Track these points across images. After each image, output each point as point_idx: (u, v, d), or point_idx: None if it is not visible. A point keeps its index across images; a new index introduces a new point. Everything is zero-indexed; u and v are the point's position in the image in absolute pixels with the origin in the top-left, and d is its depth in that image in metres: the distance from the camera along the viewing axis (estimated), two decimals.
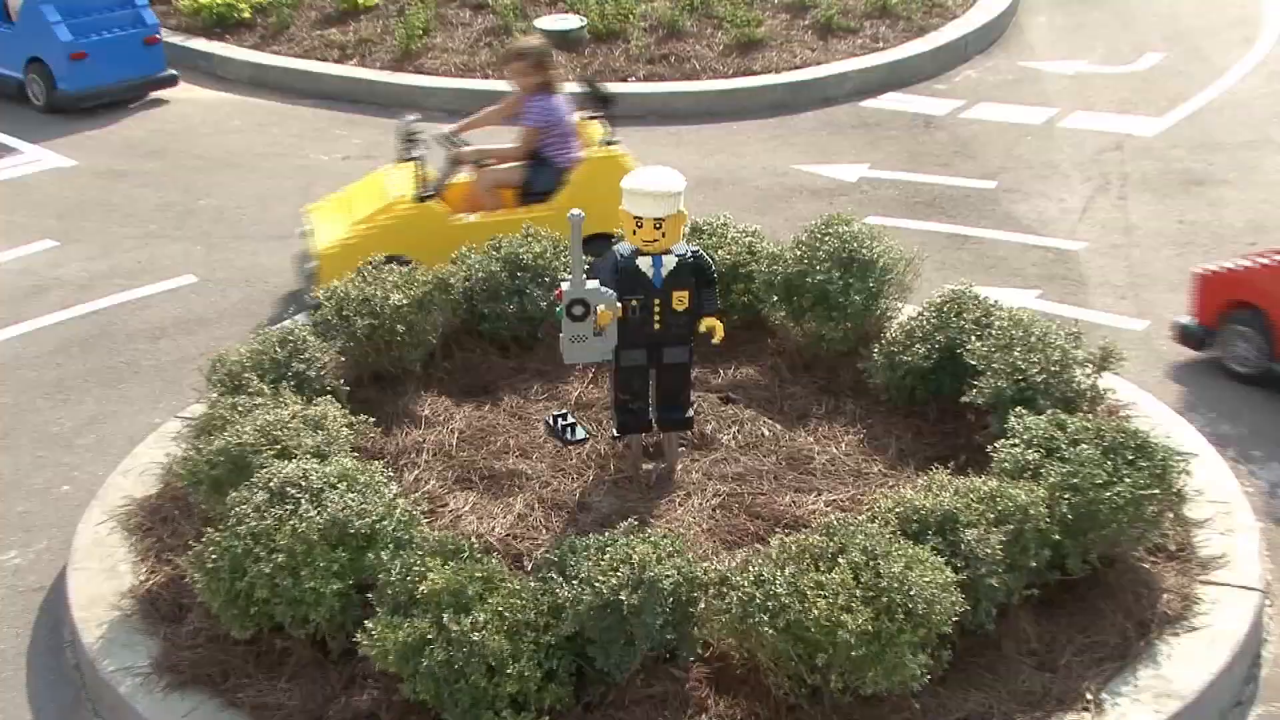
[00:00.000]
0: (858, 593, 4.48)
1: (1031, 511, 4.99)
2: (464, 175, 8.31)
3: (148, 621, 5.34)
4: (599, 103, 8.59)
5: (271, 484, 5.07)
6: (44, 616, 5.73)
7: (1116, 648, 5.05)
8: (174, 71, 11.76)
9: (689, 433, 5.98)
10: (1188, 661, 4.99)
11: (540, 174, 8.28)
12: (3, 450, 6.84)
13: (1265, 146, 9.70)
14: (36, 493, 6.54)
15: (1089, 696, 4.84)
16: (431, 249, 7.52)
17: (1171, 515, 5.50)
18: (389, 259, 7.08)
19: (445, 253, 7.40)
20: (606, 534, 4.90)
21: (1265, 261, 7.18)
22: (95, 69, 11.10)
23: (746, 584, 4.60)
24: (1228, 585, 5.36)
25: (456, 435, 6.13)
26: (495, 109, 8.71)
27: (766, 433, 6.13)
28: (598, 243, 6.90)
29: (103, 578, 5.60)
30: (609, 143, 8.46)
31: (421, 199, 7.98)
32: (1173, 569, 5.43)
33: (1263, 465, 6.44)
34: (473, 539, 5.16)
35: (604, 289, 5.40)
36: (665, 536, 4.89)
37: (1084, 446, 5.26)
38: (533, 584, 4.77)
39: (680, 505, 5.66)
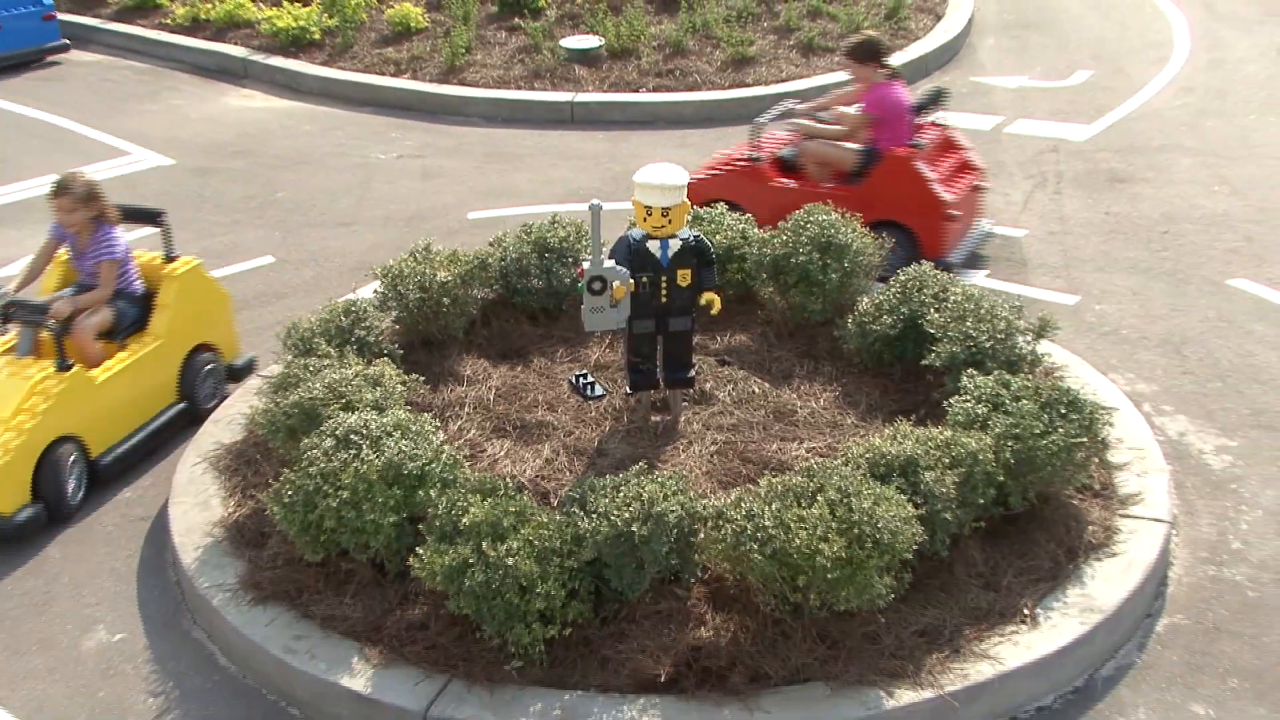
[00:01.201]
0: (833, 525, 4.50)
1: (980, 457, 5.01)
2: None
3: (235, 546, 5.39)
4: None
5: (337, 432, 5.10)
6: (150, 541, 5.77)
7: (1049, 570, 5.08)
8: (66, 40, 12.98)
9: (691, 390, 5.97)
10: (1108, 582, 5.04)
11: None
12: None
13: (1176, 150, 9.69)
14: None
15: (1026, 611, 4.88)
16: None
17: (1096, 460, 5.58)
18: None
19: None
20: (620, 475, 4.92)
21: (730, 167, 8.11)
22: (5, 38, 12.36)
23: (739, 517, 4.62)
24: (1142, 518, 5.39)
25: (493, 392, 6.14)
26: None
27: (756, 390, 6.12)
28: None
29: (197, 510, 5.63)
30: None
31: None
32: (1097, 505, 5.46)
33: (1171, 418, 6.43)
34: (507, 479, 5.20)
35: (619, 267, 5.40)
36: (670, 477, 4.90)
37: (1024, 402, 5.28)
38: (558, 517, 4.78)
39: (683, 451, 5.66)
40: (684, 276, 5.58)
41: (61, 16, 13.28)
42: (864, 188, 7.83)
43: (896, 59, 11.32)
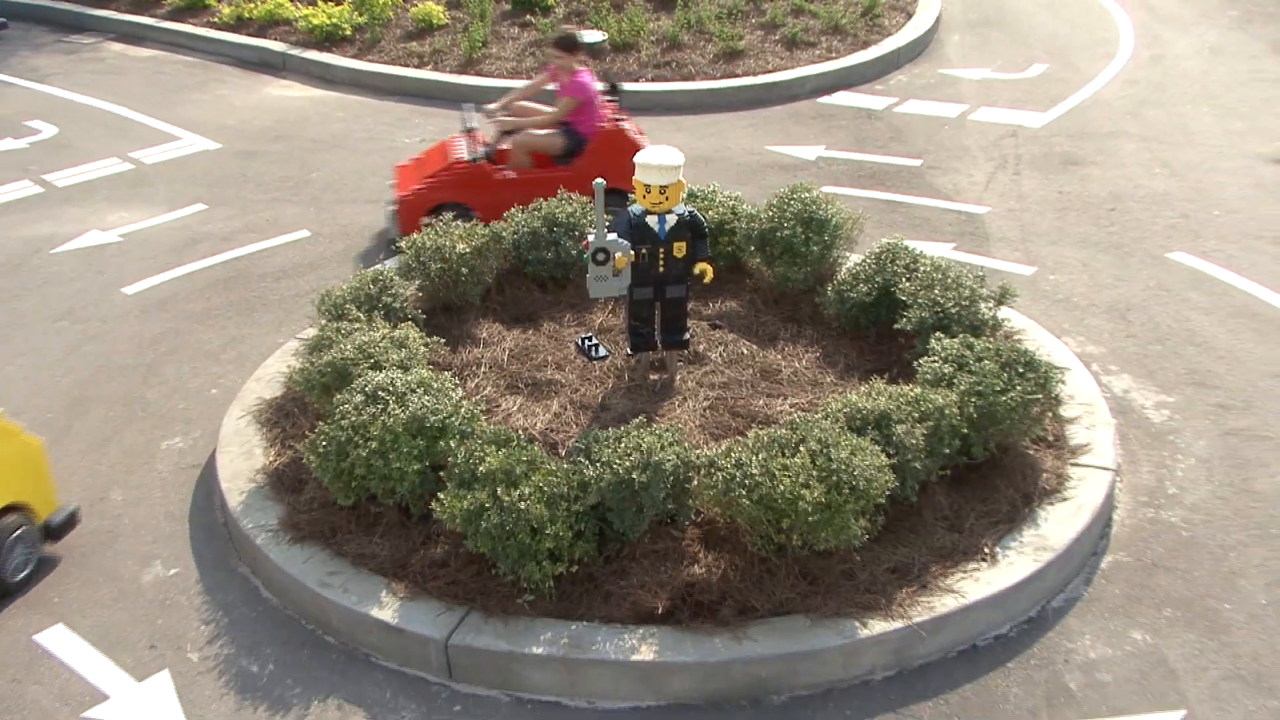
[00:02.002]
0: (814, 473, 4.45)
1: (946, 411, 4.97)
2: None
3: (275, 491, 5.35)
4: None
5: (367, 389, 5.05)
6: (200, 487, 5.73)
7: (1008, 514, 5.06)
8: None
9: (686, 351, 5.91)
10: (1059, 523, 5.01)
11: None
12: (168, 363, 6.80)
13: (1121, 136, 9.61)
14: (192, 394, 6.50)
15: (986, 550, 4.86)
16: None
17: (1050, 414, 5.53)
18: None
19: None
20: (622, 428, 4.87)
21: (452, 171, 7.77)
22: None
23: (729, 466, 4.58)
24: (1089, 467, 5.35)
25: (507, 353, 6.07)
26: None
27: (745, 351, 6.05)
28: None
29: (242, 458, 5.59)
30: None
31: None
32: (1050, 454, 5.42)
33: (1117, 376, 6.38)
34: (520, 431, 5.16)
35: (620, 240, 5.37)
36: (667, 430, 4.86)
37: (986, 362, 5.23)
38: (565, 465, 4.74)
39: (679, 406, 5.60)
40: (680, 248, 5.52)
41: (121, 16, 13.16)
42: (579, 165, 7.86)
43: (873, 53, 11.31)
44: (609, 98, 8.27)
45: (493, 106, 8.14)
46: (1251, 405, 6.11)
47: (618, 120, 8.12)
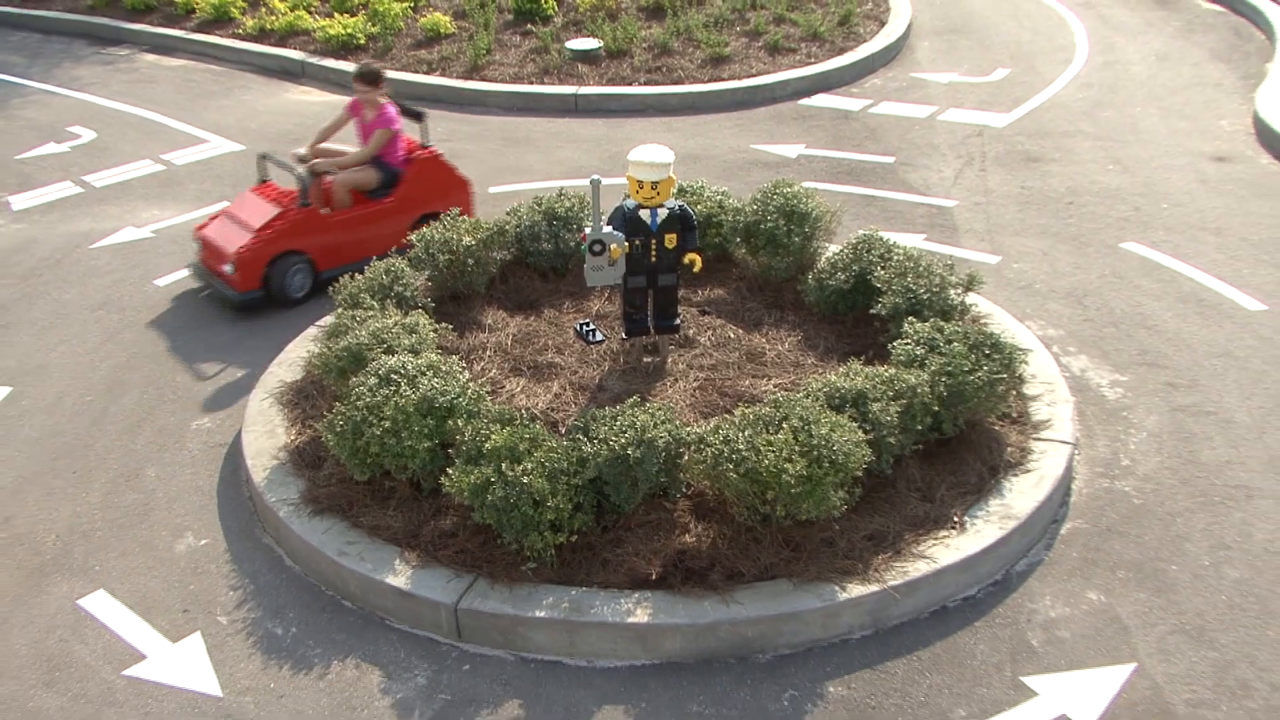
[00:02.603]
0: (796, 448, 4.40)
1: (919, 390, 4.92)
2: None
3: (296, 467, 5.29)
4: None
5: (380, 372, 4.99)
6: (227, 463, 5.67)
7: (975, 485, 5.01)
8: None
9: (677, 335, 5.84)
10: (1023, 493, 4.96)
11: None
12: (196, 350, 6.73)
13: (1078, 135, 9.54)
14: (219, 378, 6.44)
15: (956, 519, 4.81)
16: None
17: (1014, 393, 5.49)
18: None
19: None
20: (618, 407, 4.81)
21: (286, 220, 6.98)
22: None
23: (717, 442, 4.52)
24: (1050, 441, 5.30)
25: (510, 338, 5.99)
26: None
27: (732, 335, 5.98)
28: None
29: (266, 437, 5.52)
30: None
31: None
32: (1014, 430, 5.37)
33: (1075, 357, 6.33)
34: (523, 411, 5.10)
35: (616, 232, 5.32)
36: (660, 409, 4.79)
37: (955, 344, 5.18)
38: (565, 442, 4.68)
39: (670, 387, 5.54)
40: (670, 240, 5.46)
41: (154, 29, 13.03)
42: (400, 195, 7.39)
43: (849, 58, 11.21)
44: (416, 124, 7.73)
45: (302, 152, 7.39)
46: (1197, 383, 6.07)
47: (429, 148, 7.61)
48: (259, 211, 7.12)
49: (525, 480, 4.40)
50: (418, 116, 7.67)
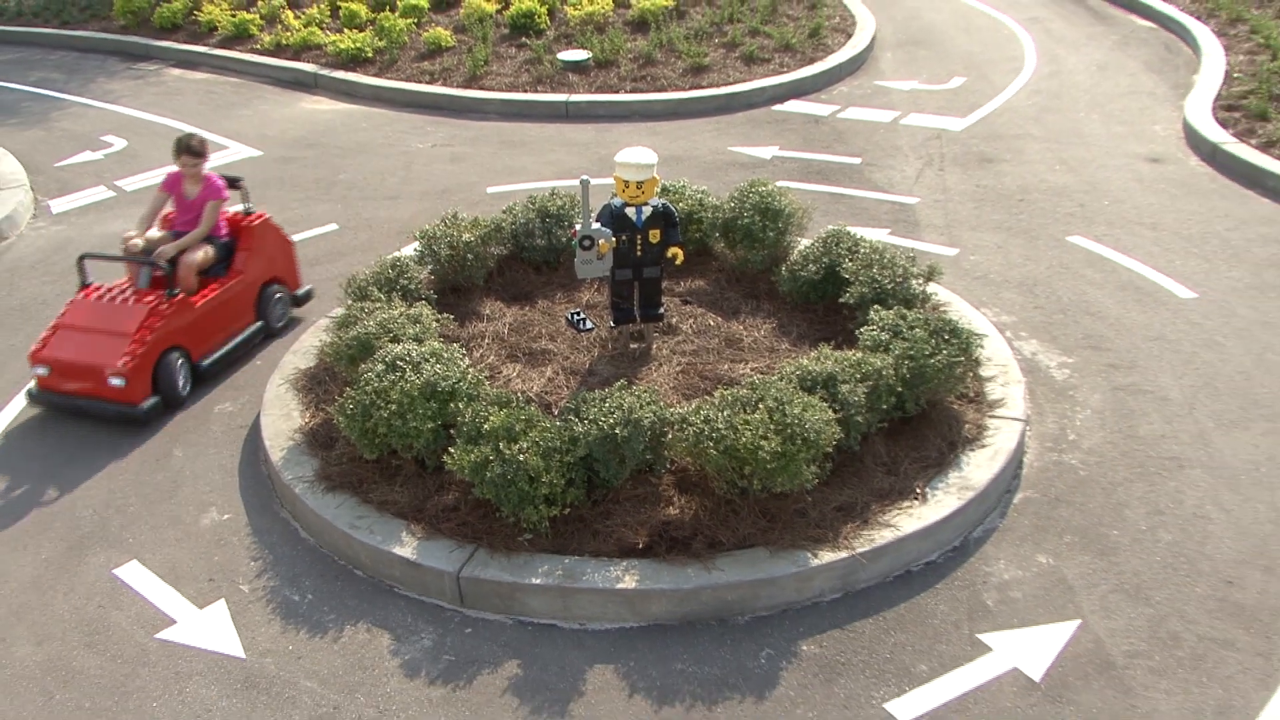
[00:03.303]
0: (771, 427, 4.33)
1: (884, 373, 4.85)
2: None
3: (311, 447, 5.20)
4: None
5: (387, 359, 4.90)
6: (248, 444, 5.58)
7: (936, 459, 4.95)
8: None
9: (661, 323, 5.75)
10: (979, 466, 4.90)
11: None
12: None
13: (1028, 138, 9.47)
14: (240, 366, 6.31)
15: (918, 490, 4.75)
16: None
17: (971, 374, 5.42)
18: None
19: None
20: (606, 390, 4.73)
21: (164, 314, 5.74)
22: None
23: (699, 421, 4.45)
24: (1004, 418, 5.24)
25: (507, 326, 5.89)
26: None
27: (712, 323, 5.90)
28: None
29: (282, 420, 5.42)
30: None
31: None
32: (971, 408, 5.31)
33: (1026, 342, 6.27)
34: (518, 394, 5.01)
35: (604, 229, 5.22)
36: (645, 391, 4.71)
37: (917, 330, 5.11)
38: (558, 423, 4.59)
39: (655, 371, 5.45)
40: (655, 235, 5.38)
41: (179, 45, 12.83)
42: (241, 264, 6.29)
43: (818, 67, 11.10)
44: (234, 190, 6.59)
45: (140, 242, 6.07)
46: (1135, 364, 6.02)
47: (257, 213, 6.55)
48: (120, 313, 5.74)
49: (521, 458, 4.32)
50: (235, 183, 6.56)
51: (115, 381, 5.61)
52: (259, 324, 6.43)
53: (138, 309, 5.76)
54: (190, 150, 6.14)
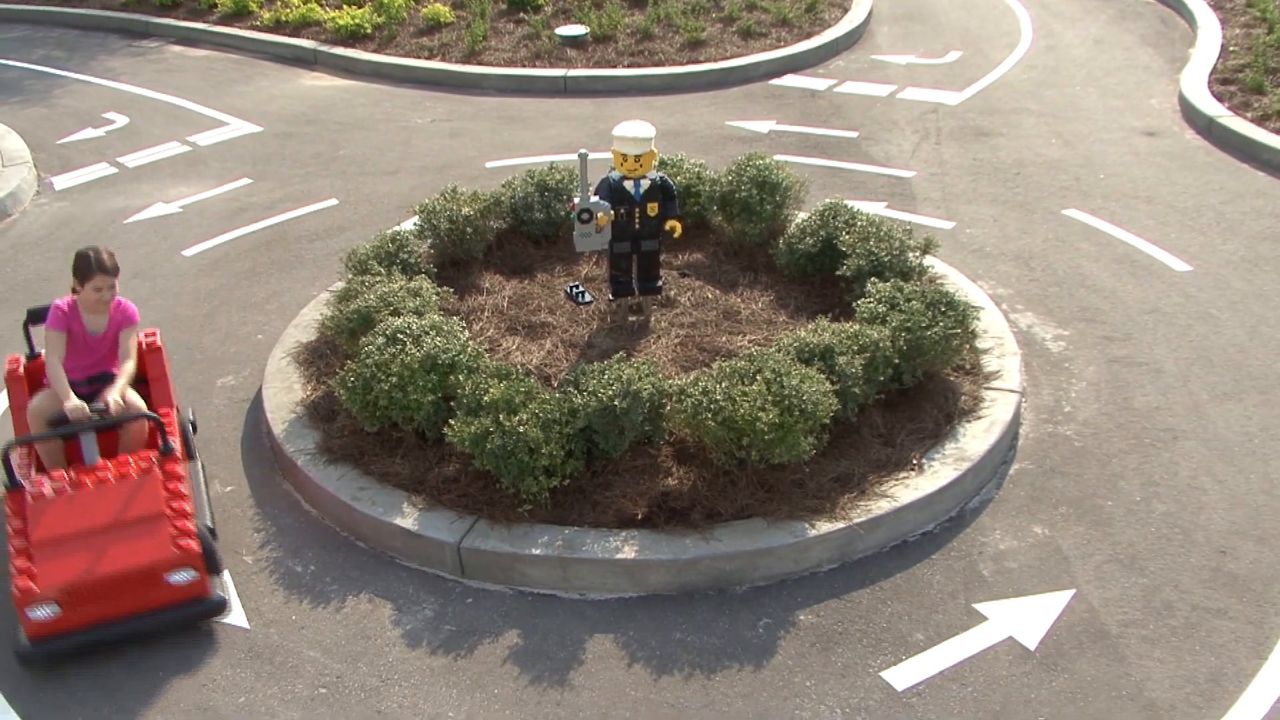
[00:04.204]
0: (769, 398, 4.27)
1: (881, 344, 4.79)
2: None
3: (312, 420, 5.14)
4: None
5: (387, 332, 4.84)
6: (250, 417, 5.51)
7: (932, 430, 4.90)
8: None
9: (659, 296, 5.68)
10: (975, 438, 4.85)
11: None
12: (221, 314, 6.53)
13: (1024, 112, 9.33)
14: (242, 339, 6.24)
15: (915, 461, 4.71)
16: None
17: (967, 346, 5.35)
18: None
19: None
20: (605, 362, 4.67)
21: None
22: None
23: (697, 393, 4.39)
24: (1000, 390, 5.18)
25: (506, 300, 5.82)
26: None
27: (710, 296, 5.82)
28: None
29: (284, 393, 5.36)
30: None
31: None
32: (968, 380, 5.25)
33: (1022, 314, 6.20)
34: (518, 366, 4.95)
35: (602, 202, 5.15)
36: (644, 363, 4.66)
37: (914, 302, 5.04)
38: (557, 395, 4.54)
39: (654, 343, 5.39)
40: (653, 208, 5.30)
41: (179, 22, 12.65)
42: (157, 400, 4.84)
43: (815, 41, 10.91)
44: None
45: (84, 407, 4.33)
46: (1130, 337, 5.95)
47: (149, 330, 5.05)
48: (123, 494, 4.16)
49: (521, 430, 4.27)
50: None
51: (182, 577, 4.05)
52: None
53: (147, 480, 4.21)
54: (106, 269, 4.46)
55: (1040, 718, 3.74)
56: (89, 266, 4.50)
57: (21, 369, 4.76)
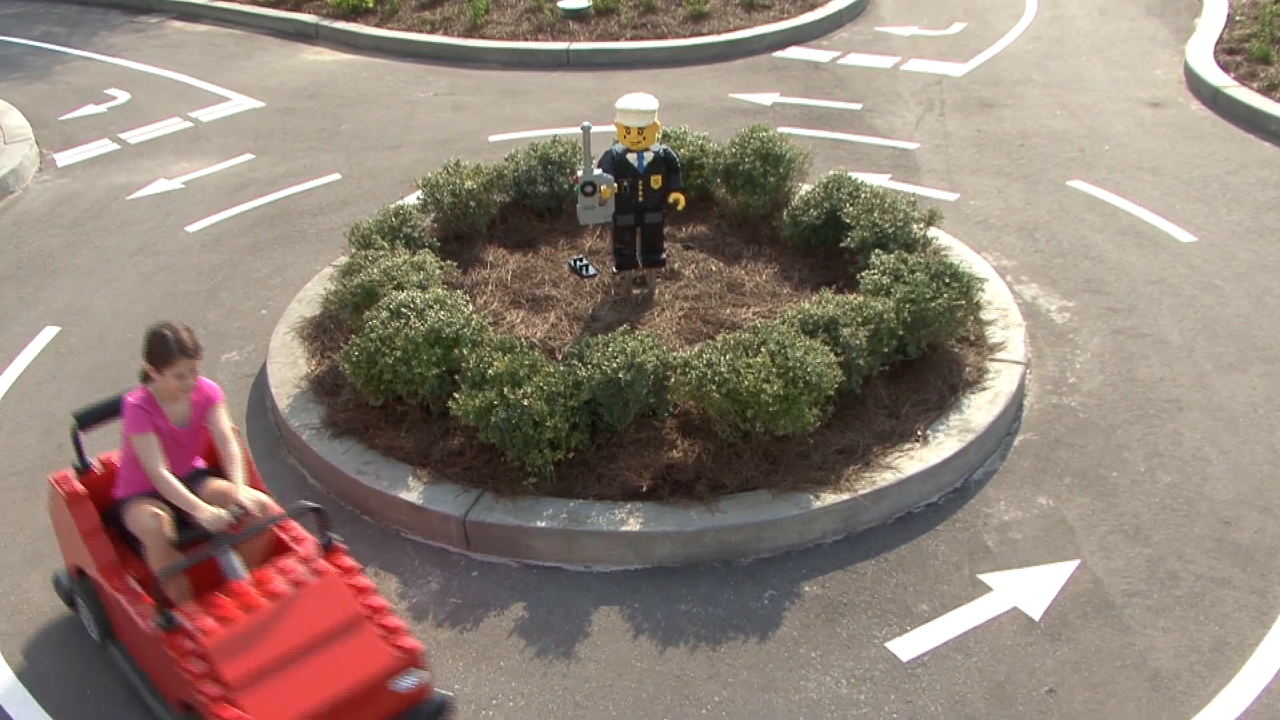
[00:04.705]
0: (774, 370, 4.22)
1: (885, 316, 4.73)
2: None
3: (317, 395, 5.09)
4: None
5: (391, 306, 4.78)
6: (254, 392, 5.47)
7: (937, 402, 4.84)
8: None
9: (663, 269, 5.61)
10: (980, 409, 4.80)
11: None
12: (224, 289, 6.47)
13: (1028, 84, 9.20)
14: (246, 314, 6.18)
15: (919, 433, 4.65)
16: None
17: (971, 318, 5.29)
18: None
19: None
20: (609, 335, 4.61)
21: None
22: None
23: (701, 365, 4.34)
24: (1005, 361, 5.12)
25: (510, 273, 5.75)
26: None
27: (714, 268, 5.75)
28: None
29: (288, 367, 5.31)
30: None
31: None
32: (972, 351, 5.19)
33: (1026, 286, 6.12)
34: (522, 340, 4.88)
35: (606, 174, 5.09)
36: (648, 336, 4.61)
37: (918, 274, 4.98)
38: (562, 368, 4.49)
39: (658, 316, 5.33)
40: (656, 181, 5.23)
41: None
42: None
43: (819, 13, 10.72)
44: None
45: (234, 509, 3.57)
46: (1135, 308, 5.88)
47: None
48: (309, 605, 3.43)
49: (526, 403, 4.22)
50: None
51: (409, 681, 3.41)
52: None
53: (327, 582, 3.48)
54: (189, 351, 3.62)
55: (1044, 688, 3.72)
56: (168, 350, 3.57)
57: (79, 486, 3.75)
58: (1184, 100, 8.71)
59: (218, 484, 3.80)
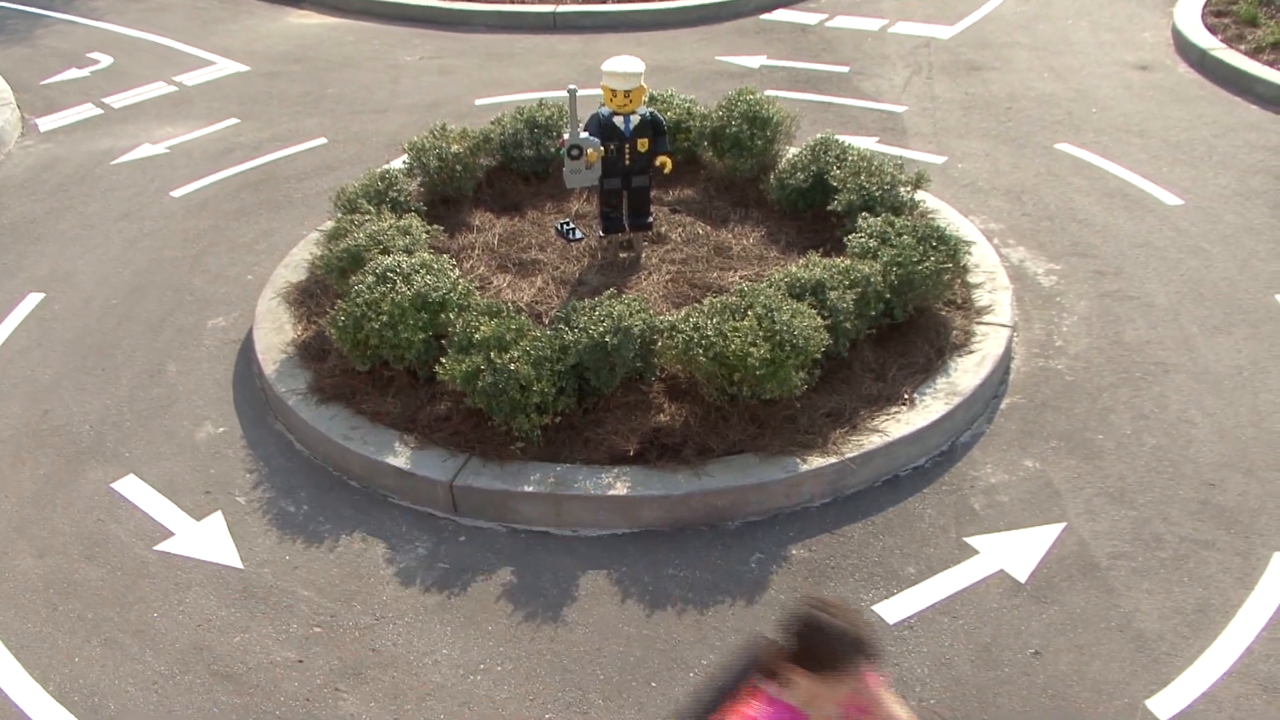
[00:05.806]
0: (761, 334, 4.12)
1: (872, 279, 4.63)
2: None
3: (304, 360, 4.97)
4: None
5: (377, 271, 4.67)
6: (240, 358, 5.34)
7: (924, 365, 4.75)
8: None
9: (650, 232, 5.48)
10: (967, 372, 4.71)
11: None
12: (210, 255, 6.31)
13: (1016, 47, 9.02)
14: (232, 280, 6.03)
15: (906, 396, 4.57)
16: None
17: (959, 281, 5.19)
18: None
19: None
20: (596, 299, 4.51)
21: None
22: None
23: (688, 329, 4.23)
24: (991, 324, 5.03)
25: (497, 237, 5.61)
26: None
27: (701, 232, 5.62)
28: None
29: (275, 333, 5.18)
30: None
31: None
32: (959, 315, 5.09)
33: (1014, 249, 6.01)
34: (509, 304, 4.77)
35: (592, 138, 4.94)
36: (635, 299, 4.50)
37: (905, 237, 4.87)
38: (549, 332, 4.37)
39: (645, 279, 5.21)
40: (643, 144, 5.08)
41: None
42: None
43: None
44: None
45: None
46: (1121, 271, 5.78)
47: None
48: None
49: (512, 367, 4.12)
50: None
51: None
52: None
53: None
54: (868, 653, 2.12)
55: (1030, 649, 3.67)
56: (856, 649, 2.16)
57: None
58: (1171, 63, 8.55)
59: None
